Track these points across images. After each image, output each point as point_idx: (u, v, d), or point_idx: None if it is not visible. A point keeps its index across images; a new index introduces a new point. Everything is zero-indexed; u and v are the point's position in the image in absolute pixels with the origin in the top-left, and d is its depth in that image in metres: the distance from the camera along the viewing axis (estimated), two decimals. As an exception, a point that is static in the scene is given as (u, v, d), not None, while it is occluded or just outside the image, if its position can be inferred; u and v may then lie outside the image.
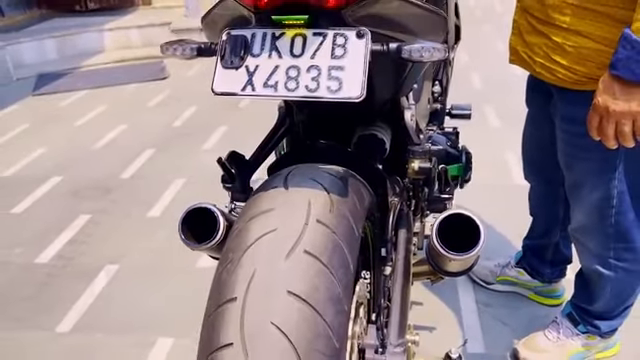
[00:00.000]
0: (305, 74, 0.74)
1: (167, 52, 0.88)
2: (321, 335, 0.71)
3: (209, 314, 0.76)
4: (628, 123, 0.96)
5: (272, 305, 0.71)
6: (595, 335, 1.46)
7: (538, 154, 1.49)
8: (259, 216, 0.80)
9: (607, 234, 1.26)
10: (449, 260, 0.97)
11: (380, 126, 1.14)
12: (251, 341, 0.69)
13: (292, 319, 0.70)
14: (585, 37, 1.06)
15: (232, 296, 0.73)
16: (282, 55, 0.75)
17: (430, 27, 0.86)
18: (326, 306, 0.72)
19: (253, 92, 0.75)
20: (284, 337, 0.69)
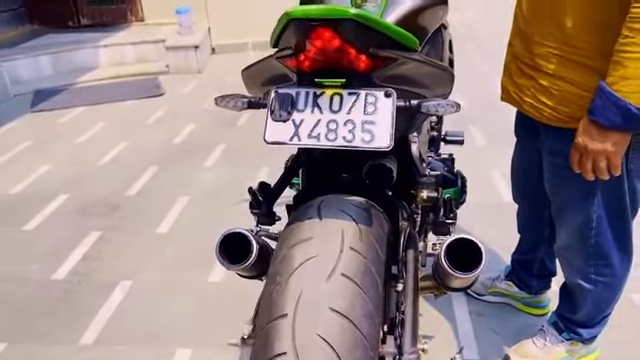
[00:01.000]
0: (342, 127, 0.89)
1: (221, 104, 1.02)
2: (359, 345, 0.85)
3: (261, 328, 0.89)
4: (603, 160, 1.14)
5: (318, 320, 0.85)
6: (578, 342, 1.63)
7: (525, 180, 1.65)
8: (300, 244, 0.94)
9: (588, 252, 1.43)
10: (454, 278, 1.12)
11: (387, 156, 1.29)
12: (302, 350, 0.83)
13: (335, 332, 0.84)
14: (568, 83, 1.23)
15: (283, 312, 0.87)
16: (323, 111, 0.91)
17: (441, 81, 1.02)
18: (362, 321, 0.87)
19: (300, 142, 0.90)
20: (329, 347, 0.83)
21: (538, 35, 1.27)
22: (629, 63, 1.04)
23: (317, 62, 0.91)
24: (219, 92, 3.70)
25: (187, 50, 4.89)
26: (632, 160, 1.26)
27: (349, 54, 0.88)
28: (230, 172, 3.03)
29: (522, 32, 1.33)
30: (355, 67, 0.90)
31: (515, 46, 1.37)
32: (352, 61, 0.89)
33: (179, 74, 4.90)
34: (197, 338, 1.86)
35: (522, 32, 1.33)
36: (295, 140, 0.91)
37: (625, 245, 1.42)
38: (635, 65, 1.03)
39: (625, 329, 1.81)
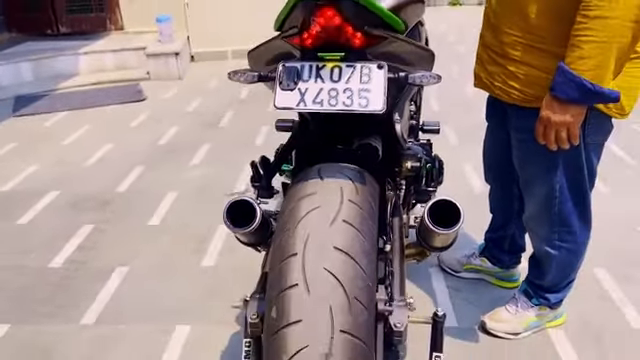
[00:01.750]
0: (342, 94, 1.04)
1: (234, 78, 1.16)
2: (359, 277, 1.00)
3: (274, 266, 1.03)
4: (564, 130, 1.31)
5: (324, 257, 0.99)
6: (546, 306, 1.80)
7: (496, 160, 1.83)
8: (305, 198, 1.09)
9: (552, 221, 1.60)
10: (437, 235, 1.28)
11: (373, 137, 1.44)
12: (311, 282, 0.97)
13: (338, 266, 0.99)
14: (533, 67, 1.41)
15: (294, 252, 1.01)
16: (324, 81, 1.06)
17: (423, 59, 1.18)
18: (361, 257, 1.01)
19: (305, 107, 1.05)
20: (334, 278, 0.98)
21: (505, 26, 1.45)
22: (584, 45, 1.22)
23: (319, 39, 1.06)
24: (201, 97, 3.89)
25: (168, 57, 5.00)
26: (588, 134, 1.44)
27: (347, 32, 1.04)
28: (216, 169, 3.15)
29: (492, 24, 1.51)
30: (351, 44, 1.05)
31: (486, 37, 1.55)
32: (349, 38, 1.05)
33: (160, 80, 5.00)
34: (195, 316, 1.97)
35: (492, 24, 1.51)
36: (301, 105, 1.05)
37: (585, 214, 1.60)
38: (589, 47, 1.21)
39: (588, 299, 1.99)
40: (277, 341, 0.98)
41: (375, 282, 1.08)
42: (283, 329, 0.97)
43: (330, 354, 0.95)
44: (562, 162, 1.49)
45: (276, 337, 0.98)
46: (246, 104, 4.35)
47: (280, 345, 0.97)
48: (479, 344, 1.82)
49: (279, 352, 0.97)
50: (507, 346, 1.80)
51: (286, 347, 0.96)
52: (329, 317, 0.96)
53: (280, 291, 0.99)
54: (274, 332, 0.99)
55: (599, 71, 1.22)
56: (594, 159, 1.52)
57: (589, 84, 1.23)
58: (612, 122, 1.48)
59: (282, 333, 0.97)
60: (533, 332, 1.83)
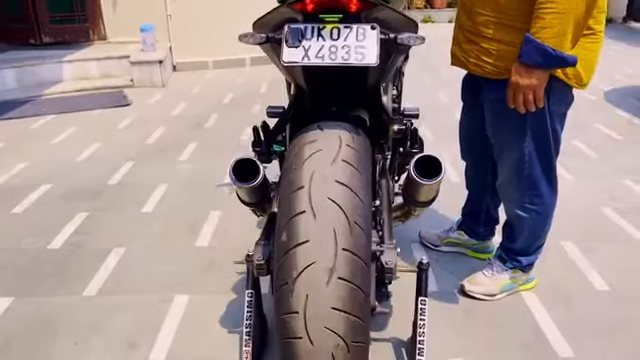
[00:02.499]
0: (341, 49, 1.21)
1: (243, 40, 1.30)
2: (358, 206, 1.15)
3: (284, 197, 1.18)
4: (530, 93, 1.50)
5: (327, 188, 1.14)
6: (519, 269, 1.97)
7: (471, 137, 2.01)
8: (308, 144, 1.24)
9: (523, 185, 1.78)
10: (422, 187, 1.44)
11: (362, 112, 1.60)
12: (317, 209, 1.12)
13: (340, 196, 1.14)
14: (503, 43, 1.60)
15: (301, 185, 1.16)
16: (325, 39, 1.22)
17: (408, 26, 1.34)
18: (359, 189, 1.17)
19: (309, 61, 1.21)
20: (337, 205, 1.13)
21: (478, 7, 1.63)
22: (546, 16, 1.41)
23: (319, 5, 1.23)
24: (185, 102, 4.06)
25: (151, 65, 5.12)
26: (552, 104, 1.63)
27: (343, -5, 1.21)
28: (204, 164, 3.27)
29: (466, 7, 1.70)
30: (348, 8, 1.22)
31: (461, 19, 1.74)
32: (346, 3, 1.21)
33: (144, 87, 5.11)
34: (192, 287, 2.08)
35: (466, 7, 1.70)
36: (305, 60, 1.21)
37: (551, 179, 1.79)
38: (550, 17, 1.40)
39: (557, 267, 2.18)
40: (288, 260, 1.12)
41: (370, 214, 1.23)
42: (293, 249, 1.11)
43: (334, 269, 1.09)
44: (530, 129, 1.67)
45: (287, 256, 1.12)
46: (230, 108, 4.49)
47: (291, 262, 1.11)
48: (458, 305, 1.98)
49: (290, 269, 1.11)
50: (484, 306, 1.96)
51: (296, 264, 1.11)
52: (333, 238, 1.11)
53: (290, 218, 1.14)
54: (285, 252, 1.13)
55: (559, 38, 1.41)
56: (558, 127, 1.72)
57: (551, 50, 1.41)
58: (573, 93, 1.68)
59: (292, 252, 1.12)
60: (508, 294, 1.99)
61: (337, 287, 1.09)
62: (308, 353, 1.11)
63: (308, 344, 1.11)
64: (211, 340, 1.80)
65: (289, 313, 1.11)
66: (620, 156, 3.34)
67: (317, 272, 1.09)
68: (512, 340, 1.80)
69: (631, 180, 2.98)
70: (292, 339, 1.12)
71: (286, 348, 1.14)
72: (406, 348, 1.73)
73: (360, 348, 1.15)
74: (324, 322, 1.09)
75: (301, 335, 1.11)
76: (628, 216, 2.58)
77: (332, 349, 1.11)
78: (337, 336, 1.10)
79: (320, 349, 1.11)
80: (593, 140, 3.60)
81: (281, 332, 1.14)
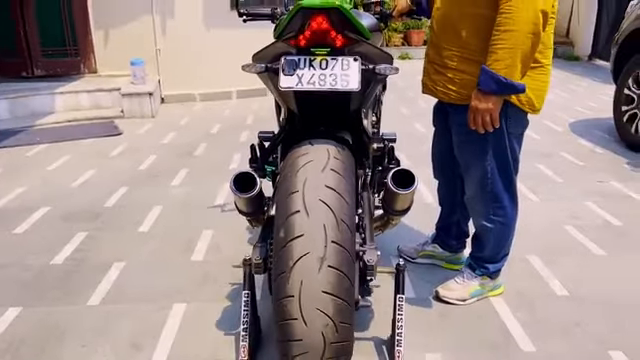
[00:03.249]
0: (329, 77, 1.44)
1: (246, 69, 1.53)
2: (344, 206, 1.37)
3: (281, 200, 1.39)
4: (487, 115, 1.75)
5: (318, 191, 1.36)
6: (487, 276, 2.19)
7: (442, 158, 2.25)
8: (301, 156, 1.46)
9: (487, 198, 2.02)
10: (398, 196, 1.66)
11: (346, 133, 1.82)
12: (309, 208, 1.33)
13: (330, 197, 1.35)
14: (465, 73, 1.85)
15: (295, 189, 1.37)
16: (315, 69, 1.45)
17: (385, 59, 1.58)
18: (345, 193, 1.38)
19: (302, 86, 1.44)
20: (326, 205, 1.34)
21: (444, 43, 1.90)
22: (498, 51, 1.67)
23: (310, 41, 1.46)
24: (174, 132, 4.34)
25: (141, 96, 5.34)
26: (510, 125, 1.89)
27: (331, 34, 1.45)
28: (196, 188, 3.47)
29: (434, 43, 1.96)
30: (334, 44, 1.46)
31: (430, 54, 2.00)
32: (333, 39, 1.45)
33: (133, 118, 5.31)
34: (189, 296, 2.25)
35: (434, 43, 1.96)
36: (299, 86, 1.44)
37: (512, 193, 2.03)
38: (502, 52, 1.66)
39: (522, 277, 2.40)
40: (285, 252, 1.33)
41: (355, 215, 1.44)
42: (290, 242, 1.32)
43: (325, 258, 1.30)
44: (492, 149, 1.92)
45: (284, 249, 1.33)
46: (218, 137, 4.71)
47: (288, 254, 1.32)
48: (433, 309, 2.18)
49: (287, 259, 1.32)
50: (456, 310, 2.17)
51: (292, 254, 1.31)
52: (323, 232, 1.32)
53: (286, 217, 1.35)
54: (282, 246, 1.34)
55: (510, 69, 1.67)
56: (516, 147, 1.97)
57: (503, 79, 1.67)
58: (527, 118, 1.94)
59: (289, 245, 1.32)
60: (477, 299, 2.21)
61: (327, 274, 1.30)
62: (302, 332, 1.31)
63: (302, 324, 1.30)
64: (210, 341, 1.97)
65: (286, 297, 1.31)
66: (582, 181, 3.61)
67: (310, 261, 1.30)
68: (482, 338, 2.00)
69: (592, 202, 3.25)
70: (289, 320, 1.31)
71: (283, 329, 1.34)
72: (386, 345, 1.92)
73: (346, 328, 1.35)
74: (316, 304, 1.30)
75: (296, 316, 1.30)
76: (587, 233, 2.83)
77: (322, 328, 1.31)
78: (327, 317, 1.30)
79: (312, 328, 1.31)
80: (558, 166, 3.89)
81: (279, 315, 1.34)
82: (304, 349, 1.33)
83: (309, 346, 1.33)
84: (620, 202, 3.25)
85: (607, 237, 2.78)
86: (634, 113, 4.32)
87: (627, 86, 4.40)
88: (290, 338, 1.33)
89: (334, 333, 1.32)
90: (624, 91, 4.44)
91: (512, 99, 1.82)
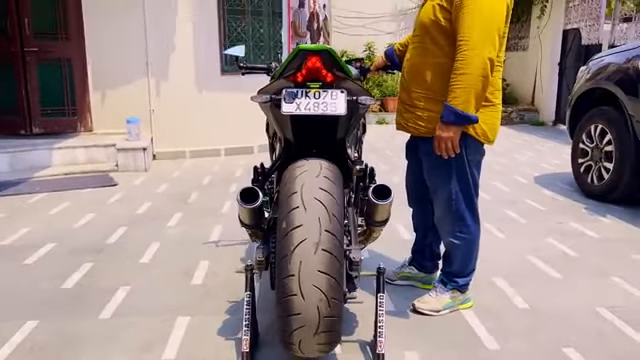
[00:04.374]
0: (321, 105, 1.81)
1: (253, 99, 1.89)
2: (335, 204, 1.69)
3: (283, 201, 1.71)
4: (449, 142, 2.12)
5: (313, 192, 1.69)
6: (457, 290, 2.49)
7: (415, 186, 2.60)
8: (298, 167, 1.80)
9: (453, 218, 2.35)
10: (378, 207, 1.99)
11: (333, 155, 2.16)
12: (307, 204, 1.66)
13: (323, 197, 1.68)
14: (431, 111, 2.24)
15: (295, 191, 1.70)
16: (310, 98, 1.82)
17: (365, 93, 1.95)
18: (335, 194, 1.72)
19: (300, 111, 1.80)
20: (320, 203, 1.67)
21: (413, 87, 2.30)
22: (456, 90, 2.06)
23: (306, 77, 1.84)
24: (167, 183, 4.81)
25: (136, 151, 5.67)
26: (469, 153, 2.26)
27: (323, 72, 1.83)
28: (191, 228, 3.74)
29: (405, 87, 2.37)
30: (325, 79, 1.84)
31: (401, 95, 2.40)
32: (324, 76, 1.83)
33: (128, 172, 5.61)
34: (192, 311, 2.50)
35: (405, 87, 2.37)
36: (297, 111, 1.80)
37: (474, 213, 2.37)
38: (459, 90, 2.05)
39: (489, 295, 2.70)
40: (287, 239, 1.64)
41: (343, 213, 1.77)
42: (291, 231, 1.63)
43: (319, 243, 1.62)
44: (455, 173, 2.28)
45: (286, 237, 1.64)
46: (209, 187, 5.02)
47: (289, 240, 1.63)
48: (410, 319, 2.46)
49: (288, 244, 1.63)
50: (431, 319, 2.45)
51: (293, 240, 1.62)
52: (318, 222, 1.64)
53: (288, 212, 1.67)
54: (285, 235, 1.65)
55: (465, 104, 2.06)
56: (475, 173, 2.33)
57: (460, 112, 2.06)
58: (484, 148, 2.32)
59: (290, 234, 1.64)
60: (450, 311, 2.49)
61: (321, 256, 1.61)
62: (301, 306, 1.60)
63: (301, 299, 1.59)
64: (213, 345, 2.21)
65: (288, 276, 1.60)
66: (544, 222, 3.99)
67: (308, 245, 1.61)
68: (453, 339, 2.28)
69: (552, 238, 3.60)
70: (290, 296, 1.60)
71: (284, 305, 1.62)
72: (370, 344, 2.19)
73: (337, 304, 1.64)
74: (313, 281, 1.59)
75: (296, 292, 1.59)
76: (547, 261, 3.17)
77: (317, 302, 1.60)
78: (321, 292, 1.60)
79: (309, 303, 1.59)
80: (523, 211, 4.27)
81: (281, 292, 1.62)
82: (302, 322, 1.61)
83: (306, 319, 1.61)
84: (577, 238, 3.61)
85: (563, 265, 3.12)
86: (589, 165, 4.78)
87: (581, 141, 4.89)
88: (290, 313, 1.61)
89: (327, 307, 1.61)
90: (579, 145, 4.92)
91: (470, 131, 2.20)
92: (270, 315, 2.36)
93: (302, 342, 1.68)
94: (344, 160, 2.12)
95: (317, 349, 1.72)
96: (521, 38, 10.76)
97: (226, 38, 6.49)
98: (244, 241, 3.43)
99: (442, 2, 2.17)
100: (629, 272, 3.01)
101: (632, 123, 4.23)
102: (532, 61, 10.26)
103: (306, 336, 1.66)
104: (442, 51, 2.20)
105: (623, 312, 2.52)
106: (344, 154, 2.13)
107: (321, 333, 1.66)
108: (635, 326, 2.39)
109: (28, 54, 6.02)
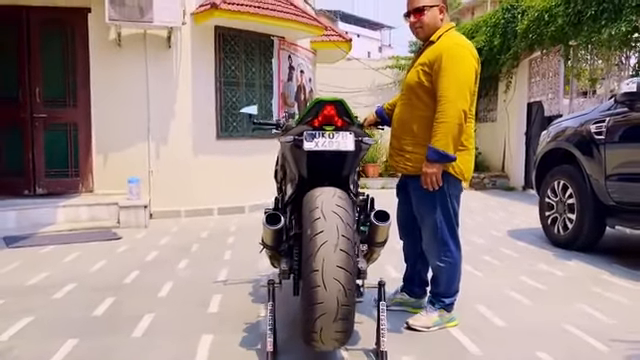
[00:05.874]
0: (334, 143, 2.29)
1: (280, 139, 2.36)
2: (348, 216, 2.15)
3: (307, 215, 2.14)
4: (434, 177, 2.61)
5: (331, 207, 2.14)
6: (443, 309, 2.89)
7: (405, 220, 3.05)
8: (316, 192, 2.25)
9: (438, 244, 2.80)
10: (379, 228, 2.43)
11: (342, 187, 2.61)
12: (326, 216, 2.11)
13: (338, 210, 2.14)
14: (418, 154, 2.74)
15: (316, 207, 2.15)
16: (326, 138, 2.30)
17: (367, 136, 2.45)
18: (348, 210, 2.17)
19: (319, 148, 2.27)
20: (337, 215, 2.12)
21: (402, 135, 2.81)
22: (437, 134, 2.58)
23: (322, 122, 2.33)
24: (168, 237, 5.39)
25: (137, 209, 6.05)
26: (450, 188, 2.75)
27: (335, 118, 2.32)
28: (199, 271, 4.10)
29: (395, 135, 2.88)
30: (337, 124, 2.33)
31: (392, 142, 2.91)
32: (336, 121, 2.33)
33: (129, 228, 5.96)
34: (214, 330, 2.84)
35: (395, 135, 2.88)
36: (316, 147, 2.28)
37: (455, 239, 2.82)
38: (439, 135, 2.56)
39: (472, 317, 3.11)
40: (312, 242, 2.06)
41: (354, 224, 2.20)
42: (315, 236, 2.07)
43: (337, 244, 2.05)
44: (439, 206, 2.75)
45: (311, 241, 2.07)
46: (208, 240, 5.39)
47: (313, 243, 2.06)
48: (404, 334, 2.84)
49: (313, 246, 2.05)
50: (423, 334, 2.83)
51: (316, 243, 2.05)
52: (336, 229, 2.08)
53: (312, 222, 2.10)
54: (310, 239, 2.07)
55: (445, 146, 2.57)
56: (455, 205, 2.81)
57: (442, 151, 2.57)
58: (461, 185, 2.81)
59: (314, 238, 2.06)
60: (438, 328, 2.88)
61: (340, 254, 2.03)
62: (323, 296, 2.00)
63: (323, 290, 2.00)
64: (238, 353, 2.55)
65: (313, 271, 2.01)
66: (517, 265, 4.44)
67: (328, 246, 2.03)
68: (442, 348, 2.66)
69: (524, 277, 4.04)
70: (314, 288, 2.01)
71: (310, 295, 2.02)
72: (372, 351, 2.56)
73: (351, 294, 2.05)
74: (333, 275, 2.00)
75: (319, 284, 2.00)
76: (520, 292, 3.59)
77: (337, 293, 2.00)
78: (340, 284, 2.01)
79: (330, 293, 2.00)
80: (498, 257, 4.73)
81: (307, 285, 2.03)
82: (324, 310, 2.01)
83: (327, 307, 2.01)
84: (546, 276, 4.06)
85: (534, 295, 3.55)
86: (555, 217, 5.31)
87: (547, 195, 5.45)
88: (314, 302, 2.01)
89: (344, 297, 2.01)
90: (545, 200, 5.48)
91: (450, 170, 2.70)
92: (286, 330, 2.72)
93: (323, 330, 2.06)
94: (349, 192, 2.58)
95: (334, 337, 2.10)
96: (490, 111, 11.66)
97: (222, 107, 7.07)
98: (250, 280, 3.79)
99: (425, 68, 2.73)
100: (591, 300, 3.45)
101: (589, 179, 4.80)
102: (501, 131, 11.09)
103: (326, 323, 2.05)
104: (425, 106, 2.73)
105: (586, 328, 2.93)
106: (349, 188, 2.60)
107: (339, 320, 2.05)
108: (598, 338, 2.79)
109: (37, 120, 6.48)
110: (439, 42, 2.74)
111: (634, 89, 4.23)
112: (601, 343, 2.72)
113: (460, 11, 20.88)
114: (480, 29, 11.08)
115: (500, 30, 10.34)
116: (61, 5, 6.45)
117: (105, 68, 6.55)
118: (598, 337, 2.79)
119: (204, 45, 6.91)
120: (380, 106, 3.36)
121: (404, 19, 2.89)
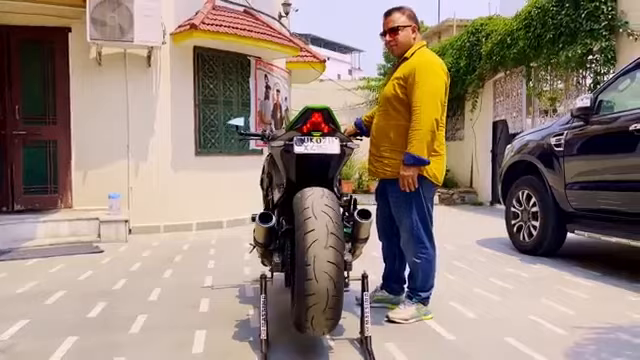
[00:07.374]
0: (322, 146, 2.53)
1: (271, 144, 2.59)
2: (336, 215, 2.39)
3: (298, 214, 2.37)
4: (410, 179, 2.87)
5: (321, 207, 2.37)
6: (420, 303, 3.13)
7: (384, 222, 3.30)
8: (307, 191, 2.48)
9: (414, 241, 3.05)
10: (362, 225, 2.67)
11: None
12: (317, 215, 2.34)
13: (327, 209, 2.37)
14: (395, 160, 3.00)
15: (307, 206, 2.37)
16: (314, 142, 2.54)
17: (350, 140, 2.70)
18: (336, 209, 2.41)
19: (308, 151, 2.51)
20: (327, 214, 2.36)
21: (380, 142, 3.08)
22: (412, 140, 2.85)
23: (310, 128, 2.57)
24: (149, 250, 5.63)
25: (118, 223, 6.15)
26: (424, 191, 3.01)
27: (322, 124, 2.57)
28: (185, 278, 4.25)
29: (374, 143, 3.14)
30: (324, 130, 2.58)
31: (371, 149, 3.17)
32: (323, 127, 2.57)
33: (110, 242, 6.04)
34: (208, 325, 3.01)
35: (374, 143, 3.14)
36: (306, 151, 2.51)
37: (430, 237, 3.08)
38: (415, 141, 2.84)
39: (444, 312, 3.35)
40: (304, 239, 2.28)
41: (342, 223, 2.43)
42: (307, 234, 2.29)
43: (327, 242, 2.27)
44: (415, 207, 3.01)
45: (303, 238, 2.28)
46: (190, 252, 5.53)
47: (305, 240, 2.28)
48: (385, 326, 3.06)
49: (305, 243, 2.27)
50: (402, 326, 3.06)
51: (308, 240, 2.27)
52: (326, 227, 2.30)
53: (303, 220, 2.33)
54: (302, 237, 2.29)
55: (420, 151, 2.84)
56: (429, 206, 3.08)
57: (417, 156, 2.84)
58: (435, 187, 3.08)
59: (306, 236, 2.29)
60: (416, 320, 3.12)
61: (329, 251, 2.25)
62: (315, 287, 2.21)
63: (315, 282, 2.21)
64: (233, 342, 2.73)
65: (306, 265, 2.23)
66: (485, 269, 4.72)
67: (319, 243, 2.25)
68: (420, 334, 2.90)
69: (493, 278, 4.32)
70: (307, 280, 2.22)
71: (303, 287, 2.23)
72: (358, 340, 2.77)
73: (340, 286, 2.27)
74: (323, 269, 2.22)
75: (311, 277, 2.22)
76: (490, 291, 3.86)
77: (327, 285, 2.22)
78: (329, 277, 2.23)
79: (321, 285, 2.22)
80: (468, 262, 5.01)
81: (301, 277, 2.24)
82: (315, 300, 2.23)
83: (319, 298, 2.22)
84: (513, 278, 4.35)
85: (502, 293, 3.83)
86: (520, 225, 5.65)
87: (512, 205, 5.79)
88: (307, 293, 2.22)
89: (333, 288, 2.23)
90: (511, 209, 5.81)
91: (424, 173, 2.96)
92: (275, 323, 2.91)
93: (314, 318, 2.27)
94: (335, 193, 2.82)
95: (325, 324, 2.31)
96: (457, 130, 12.12)
97: (200, 124, 7.26)
98: (236, 285, 3.97)
99: (400, 81, 3.01)
100: (554, 296, 3.74)
101: (551, 189, 5.16)
102: (468, 149, 11.53)
103: (318, 311, 2.26)
104: (401, 115, 3.01)
105: (549, 318, 3.21)
106: (334, 188, 2.83)
107: (328, 309, 2.26)
108: (559, 325, 3.07)
109: (16, 137, 6.54)
110: (412, 58, 3.03)
111: (588, 104, 4.61)
112: (562, 329, 2.99)
113: (427, 35, 21.63)
114: (447, 51, 11.59)
115: (466, 52, 10.86)
116: (41, 24, 6.58)
117: (85, 86, 6.68)
118: (559, 324, 3.07)
119: (183, 64, 7.11)
120: (359, 118, 3.63)
121: (380, 38, 3.19)
